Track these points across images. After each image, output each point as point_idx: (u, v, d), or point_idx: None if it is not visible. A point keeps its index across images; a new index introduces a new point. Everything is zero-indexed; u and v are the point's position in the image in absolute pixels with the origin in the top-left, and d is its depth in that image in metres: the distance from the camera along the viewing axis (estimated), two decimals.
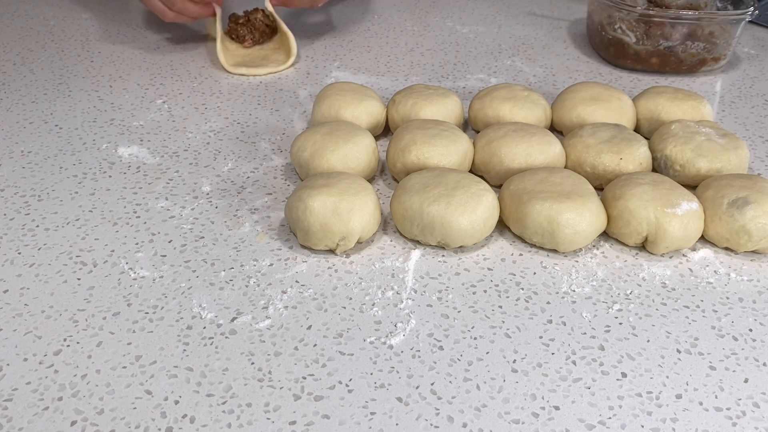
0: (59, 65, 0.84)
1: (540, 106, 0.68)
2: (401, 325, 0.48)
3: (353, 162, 0.59)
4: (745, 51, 0.91)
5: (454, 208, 0.52)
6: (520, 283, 0.52)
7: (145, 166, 0.65)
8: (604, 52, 0.87)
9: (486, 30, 0.97)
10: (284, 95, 0.78)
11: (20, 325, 0.47)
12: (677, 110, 0.68)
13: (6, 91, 0.78)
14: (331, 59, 0.87)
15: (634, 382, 0.44)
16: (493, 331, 0.47)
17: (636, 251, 0.55)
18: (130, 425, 0.40)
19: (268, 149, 0.68)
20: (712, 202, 0.55)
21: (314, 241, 0.53)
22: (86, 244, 0.55)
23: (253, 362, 0.45)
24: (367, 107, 0.67)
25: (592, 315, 0.49)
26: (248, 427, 0.41)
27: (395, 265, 0.53)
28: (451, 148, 0.60)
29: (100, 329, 0.47)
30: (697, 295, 0.51)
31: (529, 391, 0.43)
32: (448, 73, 0.85)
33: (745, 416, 0.42)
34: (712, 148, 0.60)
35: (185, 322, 0.48)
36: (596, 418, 0.42)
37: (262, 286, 0.51)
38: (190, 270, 0.52)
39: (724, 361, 0.46)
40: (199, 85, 0.80)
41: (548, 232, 0.53)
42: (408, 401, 0.42)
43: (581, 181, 0.56)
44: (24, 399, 0.42)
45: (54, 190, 0.61)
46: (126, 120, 0.72)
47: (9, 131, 0.70)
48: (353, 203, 0.52)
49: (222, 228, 0.57)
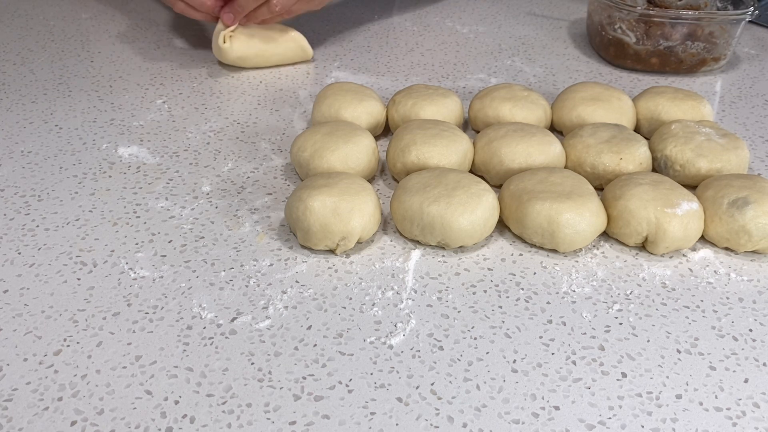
0: (59, 65, 0.84)
1: (540, 106, 0.68)
2: (401, 325, 0.48)
3: (353, 162, 0.59)
4: (745, 51, 0.91)
5: (454, 208, 0.52)
6: (520, 283, 0.52)
7: (145, 166, 0.65)
8: (604, 52, 0.87)
9: (486, 30, 0.97)
10: (284, 95, 0.78)
11: (20, 325, 0.47)
12: (677, 110, 0.68)
13: (6, 91, 0.78)
14: (331, 59, 0.87)
15: (634, 382, 0.44)
16: (493, 331, 0.47)
17: (636, 251, 0.55)
18: (130, 425, 0.40)
19: (268, 149, 0.68)
20: (712, 202, 0.55)
21: (314, 241, 0.53)
22: (86, 244, 0.55)
23: (253, 362, 0.45)
24: (367, 107, 0.67)
25: (592, 315, 0.49)
26: (248, 427, 0.41)
27: (395, 265, 0.53)
28: (451, 148, 0.60)
29: (100, 329, 0.47)
30: (697, 295, 0.51)
31: (529, 391, 0.43)
32: (448, 73, 0.85)
33: (745, 416, 0.42)
34: (712, 148, 0.60)
35: (185, 322, 0.48)
36: (596, 418, 0.42)
37: (262, 286, 0.51)
38: (190, 270, 0.52)
39: (724, 361, 0.46)
40: (199, 85, 0.80)
41: (548, 232, 0.53)
42: (408, 401, 0.42)
43: (581, 181, 0.56)
44: (24, 399, 0.42)
45: (54, 190, 0.61)
46: (126, 120, 0.72)
47: (9, 131, 0.70)
48: (353, 203, 0.52)
49: (222, 228, 0.57)
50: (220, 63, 0.84)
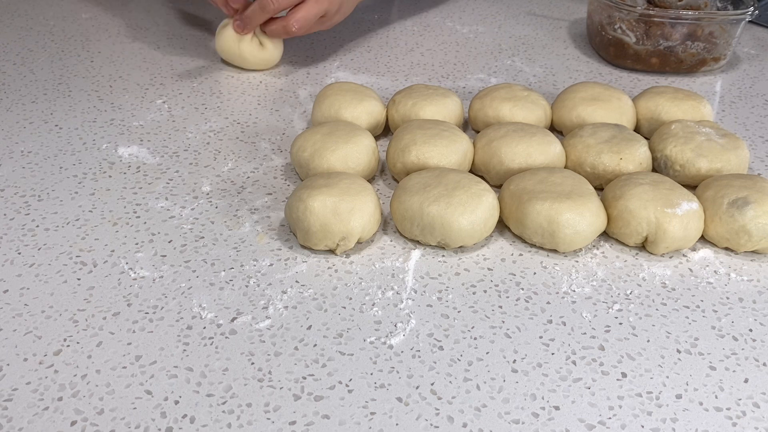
0: (59, 65, 0.84)
1: (540, 106, 0.68)
2: (401, 325, 0.48)
3: (353, 162, 0.59)
4: (745, 51, 0.91)
5: (454, 208, 0.52)
6: (520, 283, 0.52)
7: (145, 166, 0.65)
8: (604, 52, 0.87)
9: (486, 30, 0.97)
10: (284, 95, 0.78)
11: (20, 325, 0.47)
12: (677, 110, 0.68)
13: (6, 91, 0.78)
14: (331, 59, 0.87)
15: (634, 382, 0.44)
16: (493, 331, 0.47)
17: (636, 251, 0.55)
18: (130, 425, 0.40)
19: (268, 149, 0.68)
20: (712, 202, 0.55)
21: (314, 241, 0.53)
22: (86, 244, 0.55)
23: (253, 362, 0.45)
24: (367, 107, 0.67)
25: (592, 315, 0.49)
26: (248, 427, 0.41)
27: (395, 265, 0.53)
28: (451, 148, 0.60)
29: (100, 329, 0.47)
30: (697, 295, 0.51)
31: (529, 391, 0.43)
32: (448, 73, 0.85)
33: (745, 416, 0.42)
34: (712, 148, 0.60)
35: (185, 322, 0.48)
36: (596, 418, 0.42)
37: (262, 286, 0.51)
38: (190, 270, 0.52)
39: (724, 361, 0.46)
40: (199, 85, 0.80)
41: (548, 232, 0.53)
42: (408, 401, 0.42)
43: (581, 181, 0.56)
44: (24, 399, 0.42)
45: (54, 190, 0.61)
46: (126, 120, 0.72)
47: (9, 131, 0.70)
48: (353, 203, 0.52)
49: (222, 228, 0.57)
50: (221, 62, 0.84)
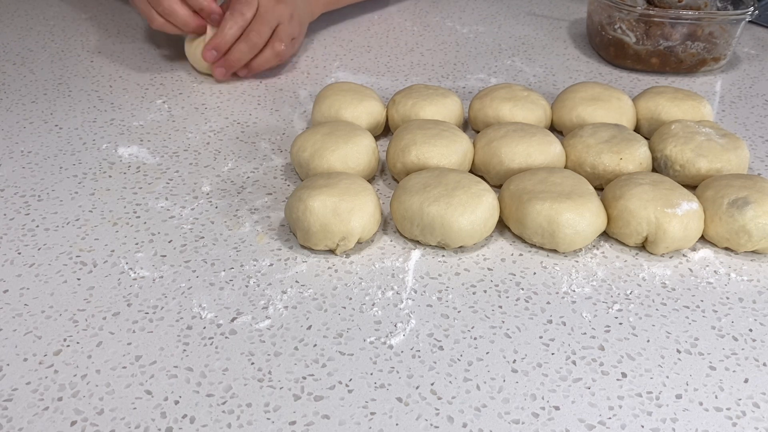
0: (59, 65, 0.84)
1: (540, 106, 0.68)
2: (401, 325, 0.48)
3: (353, 162, 0.59)
4: (745, 51, 0.91)
5: (454, 208, 0.52)
6: (520, 283, 0.52)
7: (145, 166, 0.65)
8: (604, 52, 0.87)
9: (486, 30, 0.97)
10: (284, 95, 0.78)
11: (20, 325, 0.47)
12: (677, 110, 0.68)
13: (6, 91, 0.78)
14: (331, 59, 0.87)
15: (634, 382, 0.44)
16: (493, 331, 0.47)
17: (636, 251, 0.55)
18: (130, 425, 0.40)
19: (268, 149, 0.68)
20: (712, 202, 0.55)
21: (314, 241, 0.53)
22: (86, 244, 0.55)
23: (253, 362, 0.45)
24: (367, 107, 0.67)
25: (592, 315, 0.49)
26: (248, 427, 0.41)
27: (395, 265, 0.53)
28: (451, 148, 0.60)
29: (100, 329, 0.47)
30: (697, 295, 0.51)
31: (529, 391, 0.43)
32: (448, 73, 0.85)
33: (745, 416, 0.42)
34: (712, 148, 0.60)
35: (185, 322, 0.48)
36: (596, 418, 0.42)
37: (262, 286, 0.51)
38: (190, 270, 0.52)
39: (724, 361, 0.46)
40: (199, 85, 0.80)
41: (548, 232, 0.53)
42: (408, 401, 0.42)
43: (581, 181, 0.56)
44: (24, 399, 0.42)
45: (54, 190, 0.61)
46: (126, 120, 0.72)
47: (9, 131, 0.70)
48: (353, 203, 0.52)
49: (222, 228, 0.57)
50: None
